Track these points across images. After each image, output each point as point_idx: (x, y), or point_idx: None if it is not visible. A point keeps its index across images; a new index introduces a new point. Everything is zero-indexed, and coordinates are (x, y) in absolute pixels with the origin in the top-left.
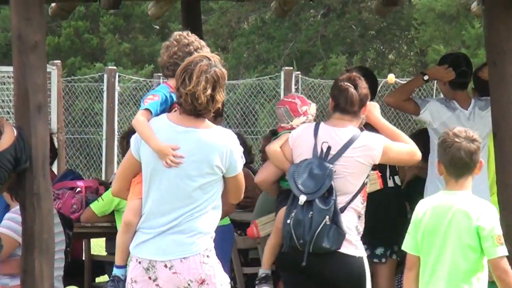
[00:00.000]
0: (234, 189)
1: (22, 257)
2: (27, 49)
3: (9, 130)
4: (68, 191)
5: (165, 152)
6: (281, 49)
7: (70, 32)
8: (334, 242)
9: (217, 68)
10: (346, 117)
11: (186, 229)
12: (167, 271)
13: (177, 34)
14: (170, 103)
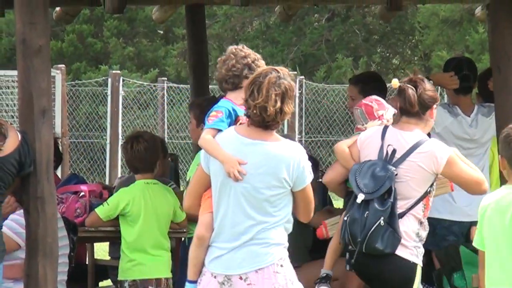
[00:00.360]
0: (303, 204)
1: (26, 261)
2: (31, 53)
3: (13, 134)
4: (72, 195)
5: (231, 164)
6: (285, 53)
7: (73, 38)
8: (388, 245)
9: (285, 80)
10: (411, 120)
11: (259, 240)
12: (242, 283)
13: (233, 48)
14: (235, 117)
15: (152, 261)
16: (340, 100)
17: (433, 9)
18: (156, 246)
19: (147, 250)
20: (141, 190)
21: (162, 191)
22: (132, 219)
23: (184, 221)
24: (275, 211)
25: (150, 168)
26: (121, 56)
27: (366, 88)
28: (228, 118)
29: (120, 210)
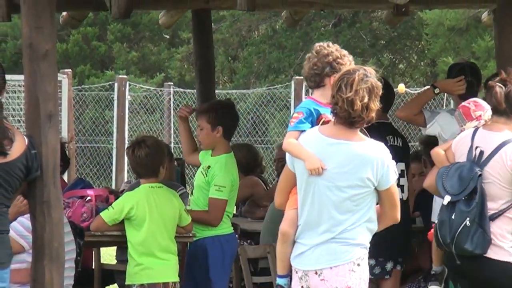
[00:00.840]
0: (389, 204)
1: (32, 266)
2: (38, 57)
3: (20, 138)
4: (78, 200)
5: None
6: (292, 58)
7: (78, 38)
8: (478, 246)
9: (372, 79)
10: (500, 119)
11: (339, 239)
12: (316, 278)
13: (317, 45)
14: (317, 116)
15: (159, 265)
16: None
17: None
18: (163, 250)
19: (154, 254)
20: (146, 194)
21: (167, 194)
22: (137, 223)
23: (190, 225)
24: (357, 210)
25: (152, 173)
26: (125, 61)
27: None
28: (309, 117)
29: (125, 214)
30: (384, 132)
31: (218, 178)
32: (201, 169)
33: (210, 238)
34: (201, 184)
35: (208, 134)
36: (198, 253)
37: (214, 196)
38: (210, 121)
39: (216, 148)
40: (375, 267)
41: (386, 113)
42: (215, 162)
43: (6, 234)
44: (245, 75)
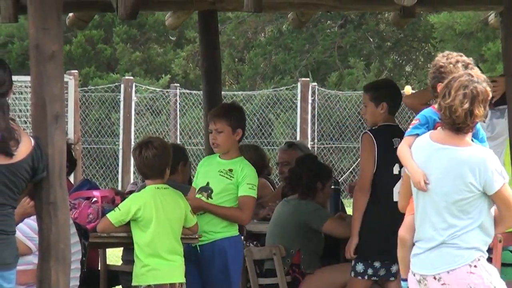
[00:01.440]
0: (503, 207)
1: (38, 267)
2: (44, 59)
3: (26, 139)
4: (84, 201)
5: (416, 176)
6: (298, 60)
7: (81, 40)
8: None
9: (479, 84)
10: None
11: (451, 244)
12: (437, 283)
13: (440, 55)
14: (433, 124)
15: (166, 266)
16: (353, 107)
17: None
18: (169, 251)
19: (161, 255)
20: (152, 195)
21: (173, 195)
22: (144, 224)
23: (195, 226)
24: (465, 215)
25: (159, 174)
26: (129, 62)
27: (377, 95)
28: (425, 124)
29: (132, 215)
30: (391, 135)
31: (250, 178)
32: (220, 174)
33: (227, 239)
34: (227, 187)
35: (228, 137)
36: (214, 254)
37: (248, 194)
38: (231, 124)
39: (230, 151)
40: (380, 269)
41: (393, 116)
42: (238, 164)
43: (12, 235)
44: (251, 77)
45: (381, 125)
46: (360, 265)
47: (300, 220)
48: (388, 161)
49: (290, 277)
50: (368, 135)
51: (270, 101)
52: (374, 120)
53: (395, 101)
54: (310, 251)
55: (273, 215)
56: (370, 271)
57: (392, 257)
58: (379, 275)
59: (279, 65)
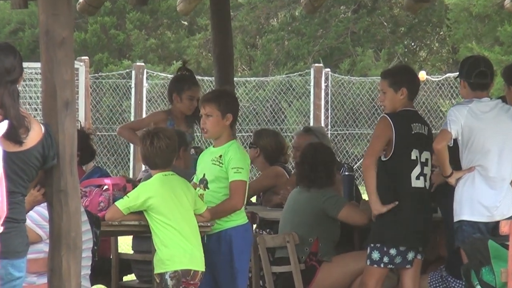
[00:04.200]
0: None
1: (49, 255)
2: (54, 45)
3: (37, 127)
4: (96, 189)
5: None
6: (311, 45)
7: (97, 28)
8: None
9: None
10: None
11: None
12: None
13: None
14: None
15: (189, 252)
16: (366, 93)
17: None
18: (189, 237)
19: (182, 241)
20: (161, 182)
21: (181, 181)
22: (156, 212)
23: (207, 212)
24: None
25: (169, 164)
26: (144, 48)
27: (396, 81)
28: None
29: (141, 204)
30: (409, 120)
31: (235, 161)
32: (212, 162)
33: (233, 228)
34: (218, 174)
35: (217, 122)
36: (220, 243)
37: (233, 178)
38: (221, 108)
39: (222, 137)
40: (396, 257)
41: (411, 101)
42: (226, 149)
43: (22, 223)
44: (264, 63)
45: (400, 110)
46: (375, 252)
47: (317, 207)
48: (406, 146)
49: (304, 265)
50: (386, 119)
51: (283, 87)
52: (393, 106)
53: (414, 86)
54: (328, 239)
55: (288, 202)
56: (386, 259)
57: (408, 244)
58: (395, 263)
59: (292, 51)
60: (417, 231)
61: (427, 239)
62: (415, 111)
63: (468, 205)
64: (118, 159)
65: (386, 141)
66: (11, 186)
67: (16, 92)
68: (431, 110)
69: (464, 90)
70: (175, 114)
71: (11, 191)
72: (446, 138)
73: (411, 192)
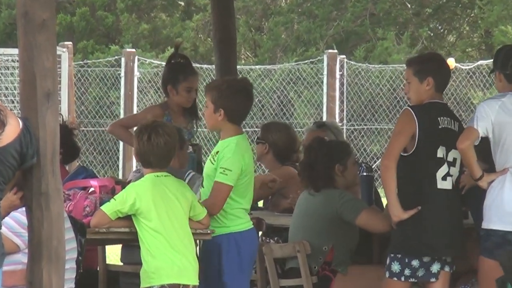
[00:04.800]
0: None
1: (28, 267)
2: (34, 28)
3: (14, 121)
4: (80, 191)
5: None
6: (324, 29)
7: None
8: None
9: None
10: None
11: None
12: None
13: None
14: None
15: (178, 264)
16: (387, 83)
17: None
18: (180, 247)
19: (171, 251)
20: (152, 184)
21: (176, 184)
22: (144, 217)
23: (206, 218)
24: None
25: (165, 164)
26: (134, 34)
27: (421, 69)
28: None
29: (129, 207)
30: (436, 113)
31: (225, 160)
32: (210, 157)
33: (225, 235)
34: (210, 172)
35: (210, 115)
36: (211, 252)
37: (217, 179)
38: (214, 101)
39: (223, 131)
40: (419, 269)
41: (440, 93)
42: (224, 146)
43: None
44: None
45: (426, 102)
46: (395, 264)
47: (332, 212)
48: (431, 142)
49: (316, 277)
50: (409, 112)
51: (292, 77)
52: (418, 98)
53: (442, 76)
54: (344, 248)
55: (298, 205)
56: (407, 272)
57: (433, 255)
58: (417, 276)
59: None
60: (444, 240)
61: (456, 249)
62: (444, 104)
63: (497, 212)
64: (105, 158)
65: (409, 137)
66: None
67: None
68: (460, 102)
69: (500, 83)
70: (172, 108)
71: None
72: (471, 136)
73: (436, 195)
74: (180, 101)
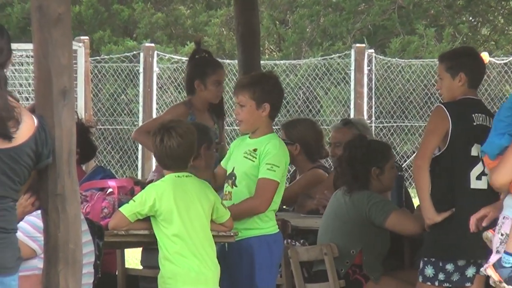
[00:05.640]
0: None
1: (44, 272)
2: (49, 23)
3: (28, 119)
4: (98, 193)
5: None
6: (351, 22)
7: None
8: None
9: None
10: None
11: None
12: None
13: None
14: None
15: (196, 269)
16: (418, 78)
17: None
18: (199, 250)
19: (189, 254)
20: (173, 185)
21: (198, 185)
22: (163, 219)
23: (229, 220)
24: None
25: (183, 166)
26: (149, 24)
27: (454, 65)
28: None
29: (149, 208)
30: (470, 109)
31: (271, 157)
32: (244, 155)
33: (257, 238)
34: (248, 171)
35: (251, 113)
36: (242, 254)
37: (264, 176)
38: (255, 97)
39: (259, 129)
40: (453, 273)
41: (474, 89)
42: (265, 142)
43: (13, 234)
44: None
45: (459, 98)
46: (429, 268)
47: (360, 215)
48: (465, 140)
49: (344, 281)
50: (441, 109)
51: (319, 72)
52: (451, 95)
53: (475, 71)
54: (373, 252)
55: (329, 206)
56: (442, 276)
57: (468, 258)
58: (452, 281)
59: (329, 29)
60: (479, 242)
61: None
62: (479, 100)
63: None
64: (124, 157)
65: (442, 135)
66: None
67: (3, 78)
68: (495, 98)
69: None
70: (196, 106)
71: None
72: None
73: (470, 195)
74: (208, 97)
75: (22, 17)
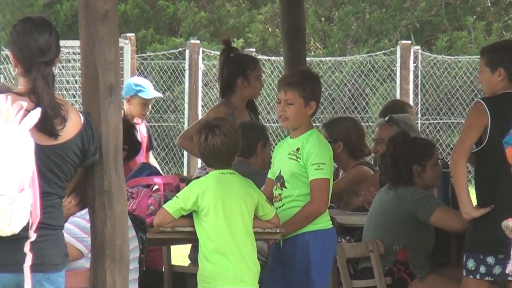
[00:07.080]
0: None
1: (91, 268)
2: (96, 19)
3: (75, 116)
4: (144, 189)
5: None
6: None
7: None
8: None
9: None
10: None
11: None
12: None
13: None
14: None
15: (234, 268)
16: (464, 75)
17: None
18: (240, 248)
19: (229, 252)
20: (216, 181)
21: (241, 182)
22: (205, 214)
23: (275, 217)
24: None
25: (226, 164)
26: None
27: (493, 59)
28: None
29: (192, 204)
30: (511, 104)
31: (314, 156)
32: (289, 156)
33: (311, 233)
34: (295, 171)
35: (300, 110)
36: (296, 251)
37: (314, 177)
38: (305, 95)
39: (301, 127)
40: (494, 267)
41: None
42: (304, 140)
43: (60, 230)
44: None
45: (499, 93)
46: (471, 261)
47: (405, 210)
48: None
49: (390, 278)
50: (480, 104)
51: (364, 69)
52: (490, 89)
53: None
54: (418, 248)
55: (374, 202)
56: (483, 269)
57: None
58: (493, 274)
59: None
60: None
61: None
62: None
63: None
64: (170, 154)
65: (481, 131)
66: (46, 186)
67: (51, 76)
68: None
69: None
70: (236, 105)
71: (46, 192)
72: None
73: (509, 190)
74: (251, 93)
75: (70, 14)
